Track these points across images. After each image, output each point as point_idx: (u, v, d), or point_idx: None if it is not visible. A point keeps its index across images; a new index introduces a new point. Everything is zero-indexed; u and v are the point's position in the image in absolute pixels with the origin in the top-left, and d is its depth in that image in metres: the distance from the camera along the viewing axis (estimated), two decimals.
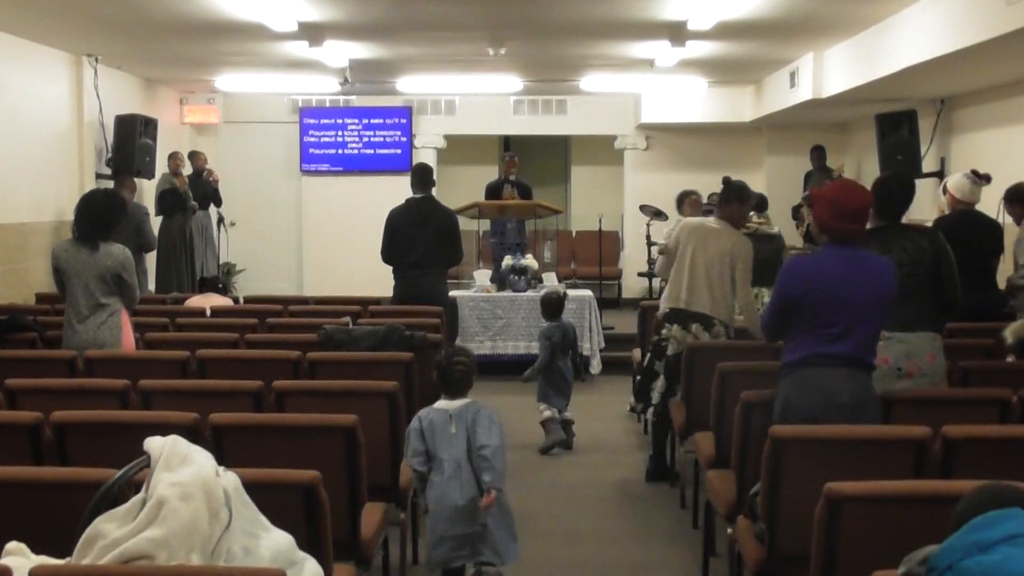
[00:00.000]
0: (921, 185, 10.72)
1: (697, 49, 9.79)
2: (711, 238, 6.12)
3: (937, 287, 4.70)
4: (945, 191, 7.02)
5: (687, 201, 9.10)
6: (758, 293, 6.81)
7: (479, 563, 4.40)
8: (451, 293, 9.13)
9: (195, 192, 11.57)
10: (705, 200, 12.95)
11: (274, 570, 2.42)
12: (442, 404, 4.54)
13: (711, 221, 6.30)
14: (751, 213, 6.95)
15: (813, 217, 4.26)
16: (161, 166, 11.35)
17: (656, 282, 12.92)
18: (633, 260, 13.91)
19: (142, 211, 10.06)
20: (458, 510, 4.33)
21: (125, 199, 8.65)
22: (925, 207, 10.79)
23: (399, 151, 13.92)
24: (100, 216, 5.87)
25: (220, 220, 12.72)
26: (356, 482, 3.80)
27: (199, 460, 2.50)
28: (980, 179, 6.95)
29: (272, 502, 2.71)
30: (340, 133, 14.05)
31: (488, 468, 4.34)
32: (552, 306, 7.81)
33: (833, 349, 4.03)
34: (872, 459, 3.64)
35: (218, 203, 12.13)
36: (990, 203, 7.15)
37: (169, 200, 11.26)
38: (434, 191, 8.22)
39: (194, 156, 12.12)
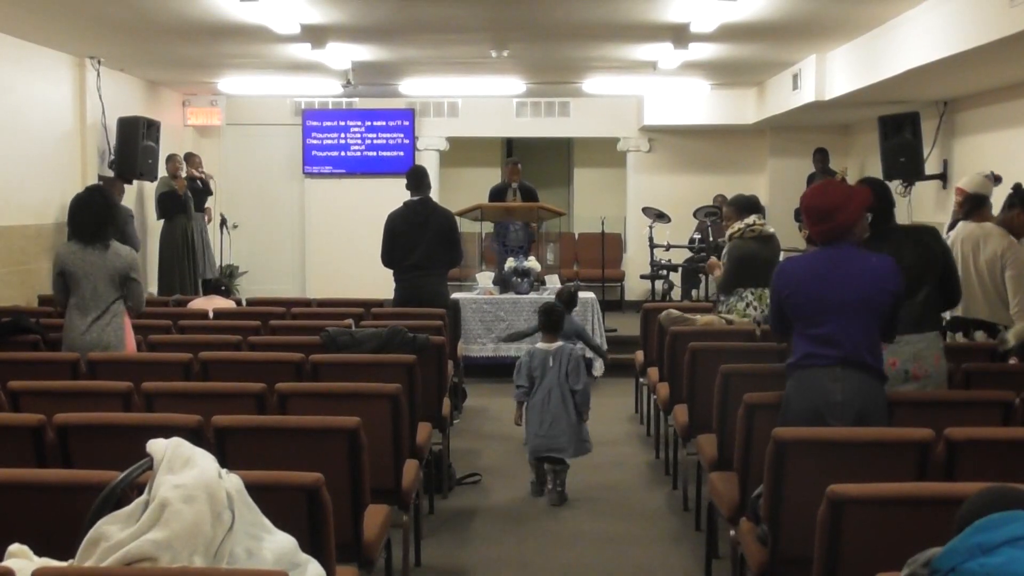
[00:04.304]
0: (923, 187, 10.80)
1: (700, 51, 9.79)
2: (983, 243, 6.12)
3: (943, 285, 4.77)
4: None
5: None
6: (762, 295, 6.82)
7: (554, 459, 6.27)
8: (453, 295, 9.13)
9: (193, 193, 11.58)
10: (711, 202, 13.01)
11: (277, 572, 2.42)
12: (543, 345, 6.51)
13: (988, 226, 6.24)
14: (753, 216, 6.96)
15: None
16: (163, 169, 11.36)
17: (659, 284, 12.94)
18: (636, 262, 13.91)
19: (127, 213, 10.05)
20: (545, 422, 6.27)
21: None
22: (927, 208, 10.81)
23: (402, 153, 13.92)
24: (103, 216, 5.86)
25: (223, 222, 12.72)
26: (359, 484, 3.79)
27: (202, 462, 2.50)
28: (994, 179, 7.02)
29: (275, 504, 2.71)
30: (343, 135, 14.05)
31: (581, 403, 6.40)
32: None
33: (825, 350, 4.07)
34: (875, 461, 3.64)
35: (201, 203, 12.04)
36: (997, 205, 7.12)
37: (168, 203, 11.27)
38: (432, 193, 8.23)
39: (188, 159, 12.05)
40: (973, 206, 6.39)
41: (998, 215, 6.44)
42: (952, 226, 6.81)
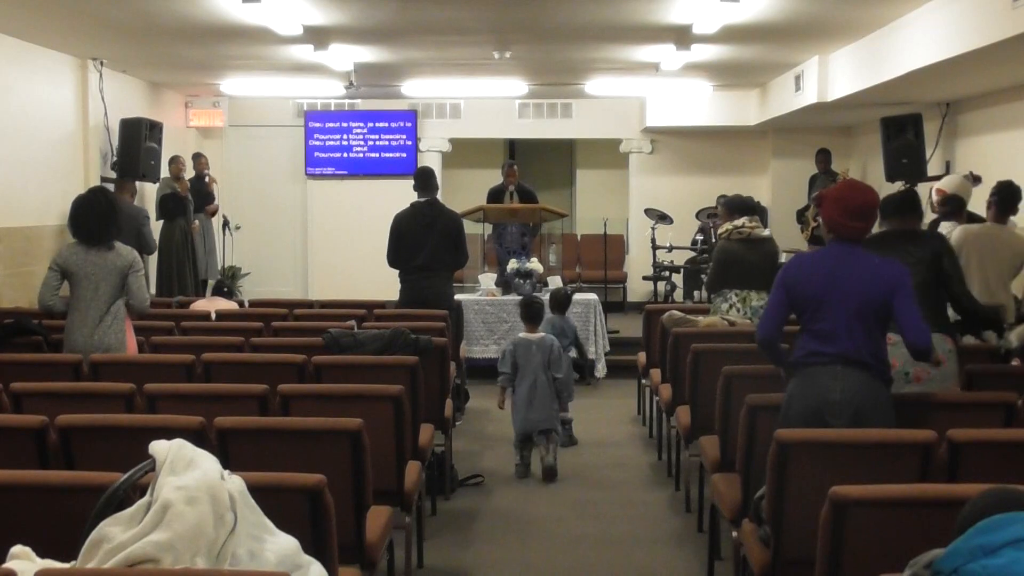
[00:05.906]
0: (926, 189, 10.79)
1: (702, 53, 9.79)
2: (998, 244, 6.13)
3: (945, 288, 4.75)
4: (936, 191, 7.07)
5: None
6: (746, 297, 6.82)
7: (544, 433, 6.78)
8: (455, 296, 9.13)
9: (194, 195, 11.60)
10: (714, 204, 13.00)
11: (279, 573, 2.42)
12: (524, 335, 7.07)
13: (994, 226, 6.25)
14: (743, 218, 6.95)
15: (822, 216, 4.30)
16: (165, 170, 11.37)
17: (661, 286, 12.94)
18: (638, 264, 13.90)
19: (143, 215, 10.05)
20: (533, 406, 6.77)
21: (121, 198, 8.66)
22: (929, 210, 10.80)
23: (404, 155, 13.93)
24: (106, 217, 5.85)
25: (225, 223, 12.72)
26: (361, 486, 3.79)
27: (204, 464, 2.50)
28: (973, 179, 7.03)
29: (277, 506, 2.71)
30: (345, 137, 14.05)
31: (562, 390, 6.98)
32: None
33: (826, 347, 4.07)
34: (877, 463, 3.64)
35: (208, 207, 12.09)
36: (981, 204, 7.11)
37: (170, 204, 11.28)
38: (439, 194, 8.25)
39: (195, 159, 12.14)
40: (955, 207, 6.40)
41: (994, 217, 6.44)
42: (934, 226, 6.80)
